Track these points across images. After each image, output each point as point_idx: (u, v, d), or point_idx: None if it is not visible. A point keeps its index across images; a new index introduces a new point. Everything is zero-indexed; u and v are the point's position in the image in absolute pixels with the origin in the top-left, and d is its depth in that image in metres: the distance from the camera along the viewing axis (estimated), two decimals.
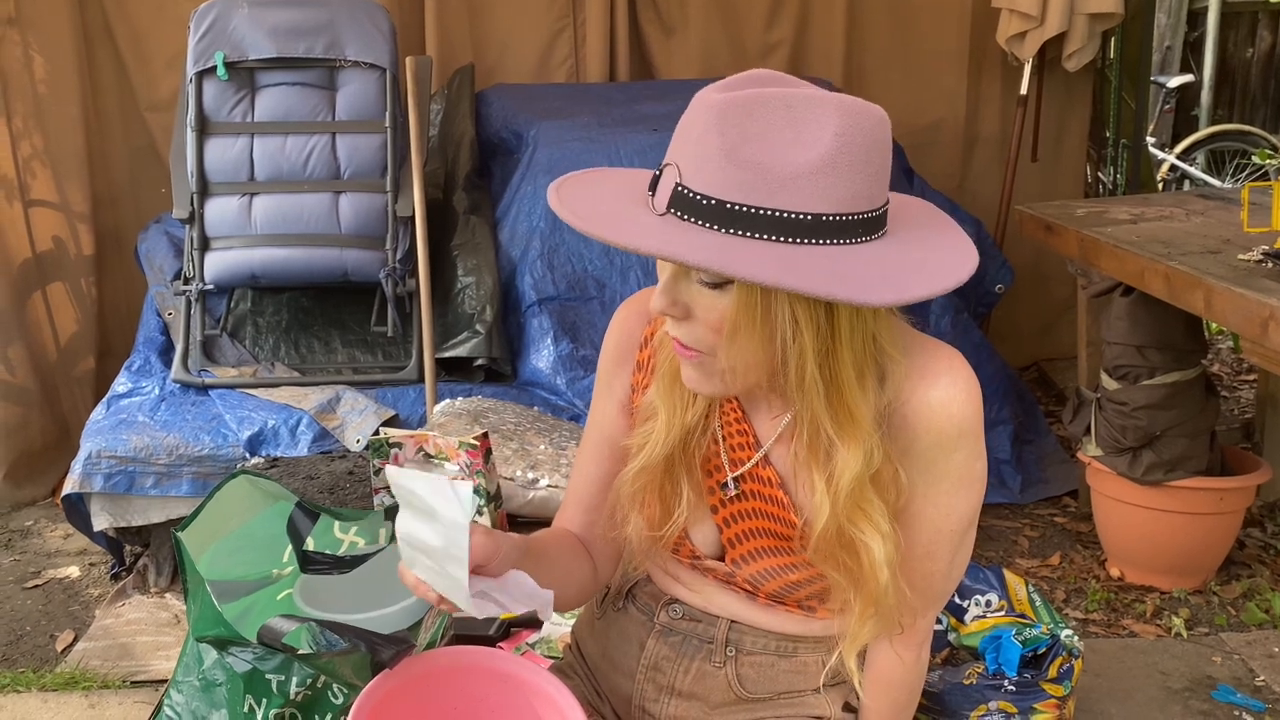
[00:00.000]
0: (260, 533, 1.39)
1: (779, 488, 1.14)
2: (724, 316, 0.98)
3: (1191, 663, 2.45)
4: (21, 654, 2.53)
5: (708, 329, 1.00)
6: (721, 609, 1.24)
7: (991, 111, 4.06)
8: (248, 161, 3.04)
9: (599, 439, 1.26)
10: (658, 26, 3.91)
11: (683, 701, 1.26)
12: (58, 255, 3.50)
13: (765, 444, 1.14)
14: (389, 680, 1.07)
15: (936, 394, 1.06)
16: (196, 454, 2.70)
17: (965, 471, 1.09)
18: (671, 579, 1.27)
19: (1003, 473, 3.22)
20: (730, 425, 1.16)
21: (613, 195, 1.03)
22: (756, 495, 1.16)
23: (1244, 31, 6.85)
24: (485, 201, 3.36)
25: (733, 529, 1.18)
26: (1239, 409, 3.86)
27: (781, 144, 0.93)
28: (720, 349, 1.00)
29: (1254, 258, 2.30)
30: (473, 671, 1.12)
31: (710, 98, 0.95)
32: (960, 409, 1.06)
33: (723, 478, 1.16)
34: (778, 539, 1.16)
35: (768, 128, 0.93)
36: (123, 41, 3.59)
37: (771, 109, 0.94)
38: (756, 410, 1.15)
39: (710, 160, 0.93)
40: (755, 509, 1.17)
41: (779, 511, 1.15)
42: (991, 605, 2.06)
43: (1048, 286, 4.06)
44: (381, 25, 3.13)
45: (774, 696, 1.25)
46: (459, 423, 2.58)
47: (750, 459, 1.14)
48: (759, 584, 1.20)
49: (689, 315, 1.00)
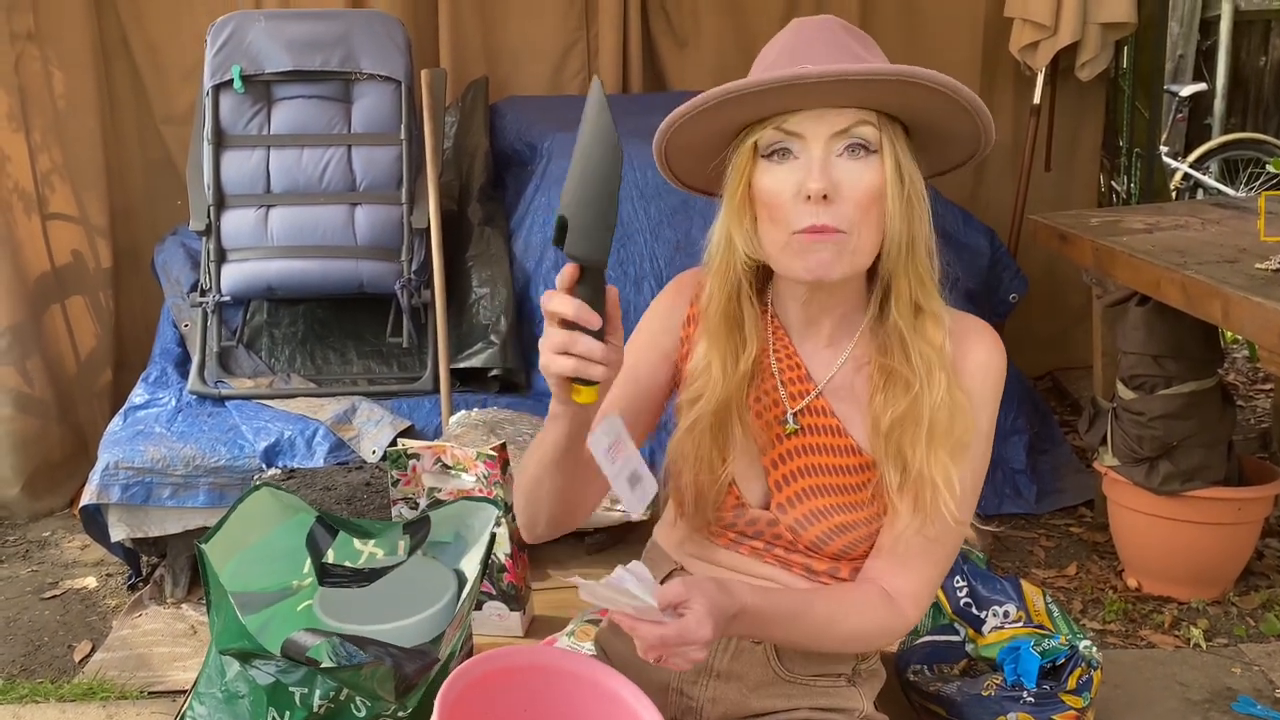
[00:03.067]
0: (281, 544, 1.40)
1: (834, 416, 1.22)
2: (871, 185, 1.11)
3: (1211, 674, 2.44)
4: (39, 664, 2.55)
5: (854, 204, 1.11)
6: (760, 583, 1.25)
7: (1005, 121, 4.06)
8: (264, 174, 3.06)
9: (629, 367, 1.22)
10: (670, 38, 3.93)
11: (721, 684, 1.27)
12: (76, 268, 3.52)
13: (820, 378, 1.23)
14: (468, 673, 1.08)
15: (981, 351, 1.20)
16: (213, 465, 2.71)
17: (990, 432, 1.21)
18: (709, 564, 1.30)
19: (1018, 482, 3.21)
20: (784, 363, 1.24)
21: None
22: (812, 429, 1.23)
23: (1257, 40, 6.83)
24: (500, 213, 3.37)
25: (781, 469, 1.23)
26: (1255, 418, 3.84)
27: (867, 50, 1.16)
28: (860, 225, 1.12)
29: (1271, 266, 2.29)
30: (549, 671, 1.13)
31: (821, 18, 1.19)
32: (999, 367, 1.20)
33: (781, 413, 1.23)
34: (830, 474, 1.21)
35: (862, 41, 1.17)
36: (139, 55, 3.62)
37: (856, 30, 1.18)
38: (806, 346, 1.24)
39: (842, 52, 1.12)
40: (810, 444, 1.23)
41: (835, 441, 1.22)
42: (1009, 616, 2.05)
43: (1062, 296, 4.05)
44: (397, 38, 3.15)
45: (811, 680, 1.26)
46: (475, 434, 2.59)
47: (808, 392, 1.23)
48: (801, 529, 1.23)
49: (838, 195, 1.11)
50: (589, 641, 1.48)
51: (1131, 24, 3.69)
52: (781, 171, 1.13)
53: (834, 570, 1.25)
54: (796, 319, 1.24)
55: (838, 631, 1.18)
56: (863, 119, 1.11)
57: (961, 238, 3.53)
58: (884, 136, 1.12)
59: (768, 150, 1.14)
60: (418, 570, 1.43)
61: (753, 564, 1.28)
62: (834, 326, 1.22)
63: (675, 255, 3.01)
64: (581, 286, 0.99)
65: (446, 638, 1.26)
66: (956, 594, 2.06)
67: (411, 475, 1.84)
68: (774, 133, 1.13)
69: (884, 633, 1.21)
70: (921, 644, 1.97)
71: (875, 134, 1.11)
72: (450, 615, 1.33)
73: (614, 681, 1.12)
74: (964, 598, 2.05)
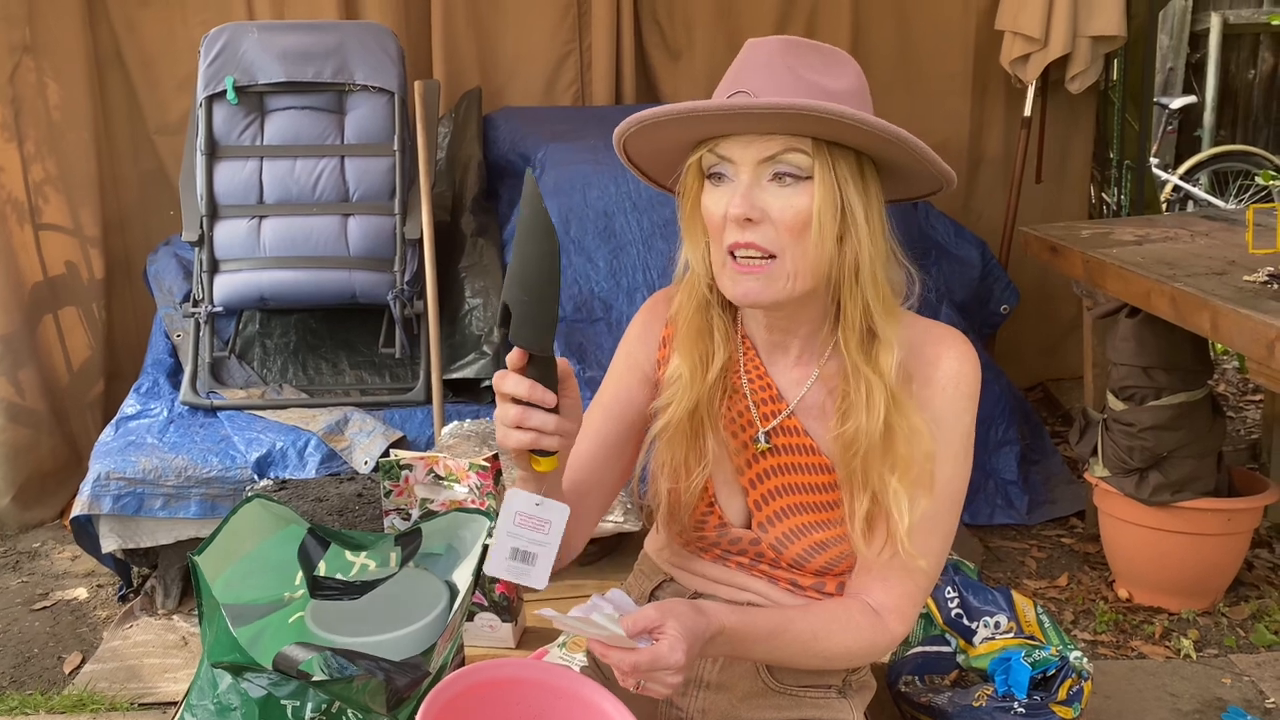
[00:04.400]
0: (273, 556, 1.39)
1: (807, 435, 1.23)
2: (799, 212, 1.11)
3: (1201, 684, 2.44)
4: (29, 676, 2.54)
5: (782, 228, 1.12)
6: (748, 596, 1.28)
7: (995, 133, 4.09)
8: (257, 184, 3.06)
9: (610, 402, 1.31)
10: (663, 50, 3.95)
11: (711, 694, 1.28)
12: (69, 279, 3.52)
13: (790, 398, 1.24)
14: (452, 686, 1.08)
15: (951, 360, 1.19)
16: (205, 476, 2.71)
17: (969, 439, 1.21)
18: (697, 576, 1.32)
19: (1010, 493, 3.21)
20: (755, 383, 1.25)
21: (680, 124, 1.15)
22: (786, 449, 1.24)
23: (1245, 53, 6.88)
24: (493, 224, 3.38)
25: (760, 489, 1.25)
26: (1245, 429, 3.86)
27: (824, 73, 1.14)
28: (790, 249, 1.12)
29: (1259, 279, 2.31)
30: (532, 685, 1.13)
31: (767, 40, 1.16)
32: (970, 375, 1.19)
33: (754, 433, 1.25)
34: (805, 492, 1.22)
35: (814, 61, 1.14)
36: (133, 66, 3.63)
37: (813, 48, 1.16)
38: (776, 366, 1.25)
39: (780, 78, 1.11)
40: (785, 464, 1.24)
41: (809, 460, 1.22)
42: (1000, 627, 2.05)
43: (1052, 307, 4.07)
44: (390, 49, 3.16)
45: (801, 691, 1.27)
46: (468, 444, 2.59)
47: (779, 413, 1.24)
48: (782, 548, 1.24)
49: (764, 218, 1.12)
50: (581, 653, 1.48)
51: (1121, 37, 3.71)
52: (719, 193, 1.15)
53: (819, 585, 1.26)
54: (763, 340, 1.26)
55: (820, 649, 1.18)
56: (793, 146, 1.11)
57: (953, 249, 3.55)
58: (818, 163, 1.11)
59: (708, 171, 1.16)
60: (409, 582, 1.43)
61: (741, 577, 1.30)
62: (801, 347, 1.23)
63: (668, 266, 3.00)
64: (531, 368, 1.03)
65: (438, 649, 1.26)
66: (948, 604, 2.06)
67: (404, 486, 1.84)
68: (711, 155, 1.15)
69: (868, 649, 1.21)
70: (913, 654, 1.97)
71: (807, 161, 1.11)
72: (442, 627, 1.33)
73: (596, 695, 1.12)
74: (955, 608, 2.05)
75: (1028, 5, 3.68)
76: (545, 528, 1.10)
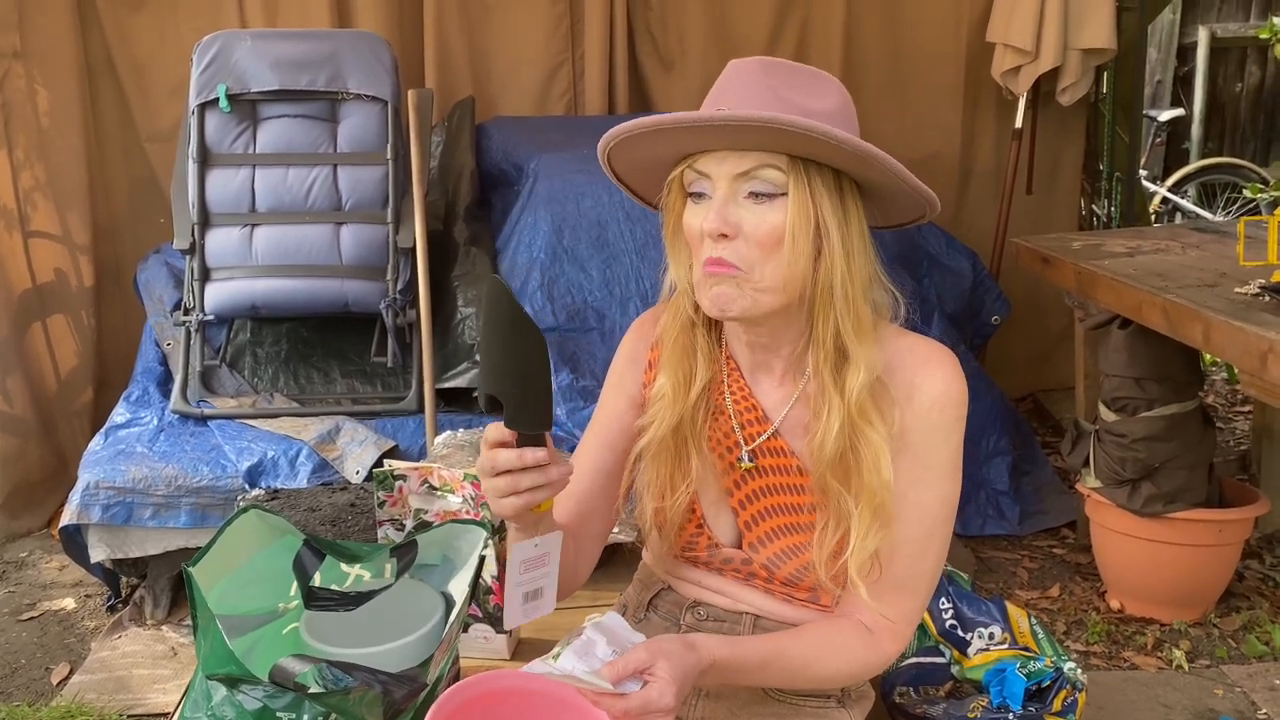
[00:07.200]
0: (267, 567, 1.38)
1: (793, 455, 1.22)
2: (773, 228, 1.11)
3: (1193, 695, 2.45)
4: (16, 687, 2.51)
5: (755, 244, 1.12)
6: (745, 605, 1.29)
7: (986, 145, 4.10)
8: (249, 193, 3.05)
9: (603, 431, 1.32)
10: (656, 60, 3.95)
11: (711, 703, 1.28)
12: (58, 287, 3.50)
13: (775, 417, 1.23)
14: (457, 696, 1.08)
15: (937, 382, 1.17)
16: (195, 485, 2.69)
17: (957, 459, 1.19)
18: (693, 585, 1.32)
19: (1001, 504, 3.22)
20: (740, 403, 1.25)
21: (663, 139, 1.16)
22: (771, 470, 1.24)
23: (1233, 66, 6.93)
24: (485, 233, 3.38)
25: (749, 510, 1.25)
26: (1235, 440, 3.88)
27: (806, 93, 1.13)
28: (760, 264, 1.12)
29: (1251, 291, 2.32)
30: (538, 696, 1.12)
31: (748, 60, 1.16)
32: (956, 396, 1.17)
33: (740, 453, 1.24)
34: (794, 513, 1.22)
35: (795, 81, 1.14)
36: (124, 73, 3.61)
37: (795, 69, 1.16)
38: (760, 385, 1.25)
39: (759, 96, 1.11)
40: (771, 484, 1.24)
41: (794, 480, 1.22)
42: (995, 638, 2.05)
43: (1043, 318, 4.08)
44: (383, 58, 3.16)
45: (800, 700, 1.27)
46: (461, 454, 2.58)
47: (764, 432, 1.23)
48: (775, 568, 1.24)
49: (738, 233, 1.12)
50: None
51: (1111, 50, 3.74)
52: (697, 209, 1.15)
53: (814, 598, 1.26)
54: (747, 360, 1.26)
55: (813, 674, 1.19)
56: (768, 162, 1.10)
57: (944, 260, 3.56)
58: (793, 180, 1.10)
59: (689, 188, 1.17)
60: (405, 593, 1.42)
61: (738, 588, 1.30)
62: (785, 366, 1.23)
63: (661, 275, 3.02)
64: (521, 438, 1.04)
65: (435, 661, 1.25)
66: (942, 616, 2.06)
67: (398, 496, 1.83)
68: (690, 172, 1.16)
69: (861, 670, 1.21)
70: (907, 666, 1.97)
71: (782, 177, 1.10)
72: (439, 638, 1.32)
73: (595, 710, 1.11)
74: (949, 619, 2.05)
75: (1019, 18, 3.70)
76: (546, 560, 1.11)
